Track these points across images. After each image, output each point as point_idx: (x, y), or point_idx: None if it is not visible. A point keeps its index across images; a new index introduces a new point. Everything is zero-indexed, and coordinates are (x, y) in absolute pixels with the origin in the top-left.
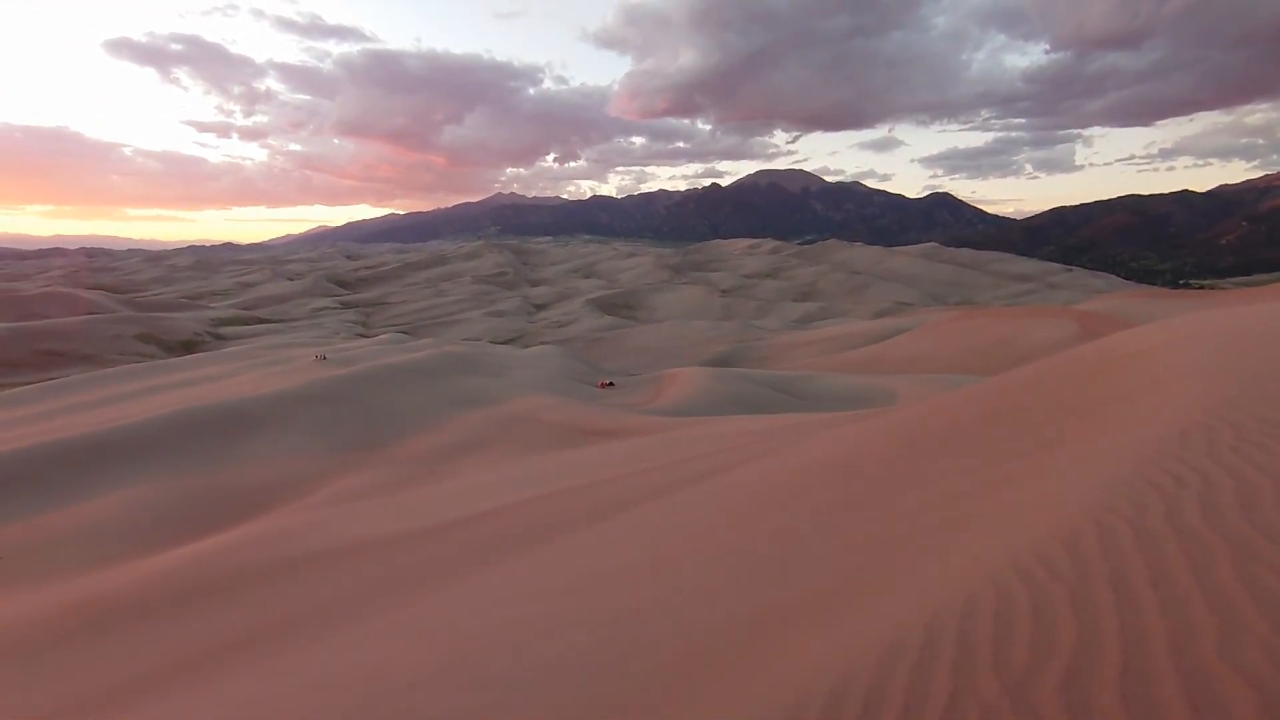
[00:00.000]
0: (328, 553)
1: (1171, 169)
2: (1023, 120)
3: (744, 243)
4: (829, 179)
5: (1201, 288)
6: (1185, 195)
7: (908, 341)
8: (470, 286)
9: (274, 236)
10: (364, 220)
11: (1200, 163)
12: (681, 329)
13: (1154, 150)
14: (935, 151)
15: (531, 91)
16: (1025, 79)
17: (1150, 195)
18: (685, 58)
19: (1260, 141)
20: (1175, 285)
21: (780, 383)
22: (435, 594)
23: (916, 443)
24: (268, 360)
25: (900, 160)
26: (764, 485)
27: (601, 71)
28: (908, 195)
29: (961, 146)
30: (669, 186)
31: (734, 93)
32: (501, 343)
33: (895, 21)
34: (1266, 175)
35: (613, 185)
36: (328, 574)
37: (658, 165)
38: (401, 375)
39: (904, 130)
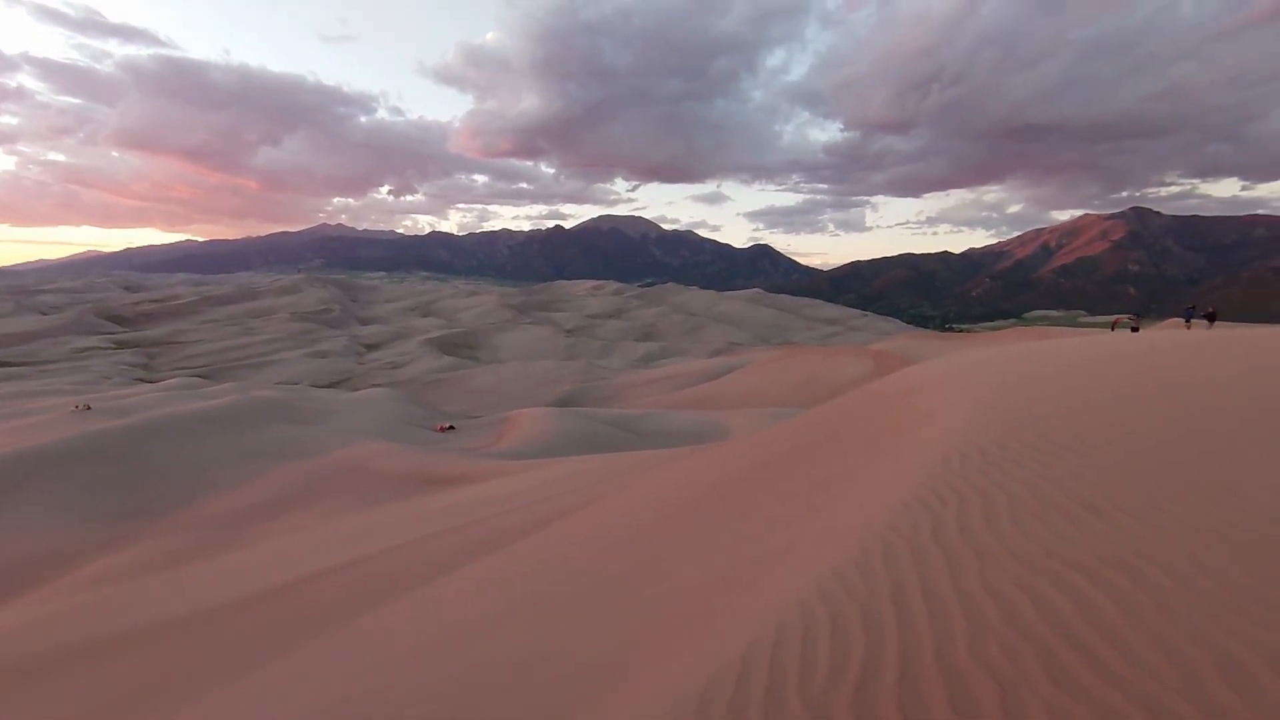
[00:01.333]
0: (103, 643)
1: (936, 233)
2: (825, 185)
3: (587, 284)
4: (667, 226)
5: (961, 330)
6: (945, 255)
7: (740, 378)
8: (287, 324)
9: (22, 260)
10: (150, 246)
11: (956, 229)
12: (526, 369)
13: (923, 217)
14: (757, 208)
15: (364, 120)
16: (826, 151)
17: (921, 254)
18: (528, 102)
19: (994, 215)
20: (943, 328)
21: (624, 421)
22: (242, 679)
23: (738, 481)
24: (8, 412)
25: (729, 213)
26: (601, 530)
27: (441, 107)
28: (735, 245)
29: (778, 205)
30: (512, 226)
31: (576, 140)
32: (325, 386)
33: (720, 91)
34: (1000, 242)
35: (454, 222)
36: (103, 669)
37: (501, 204)
38: (194, 426)
39: (730, 187)
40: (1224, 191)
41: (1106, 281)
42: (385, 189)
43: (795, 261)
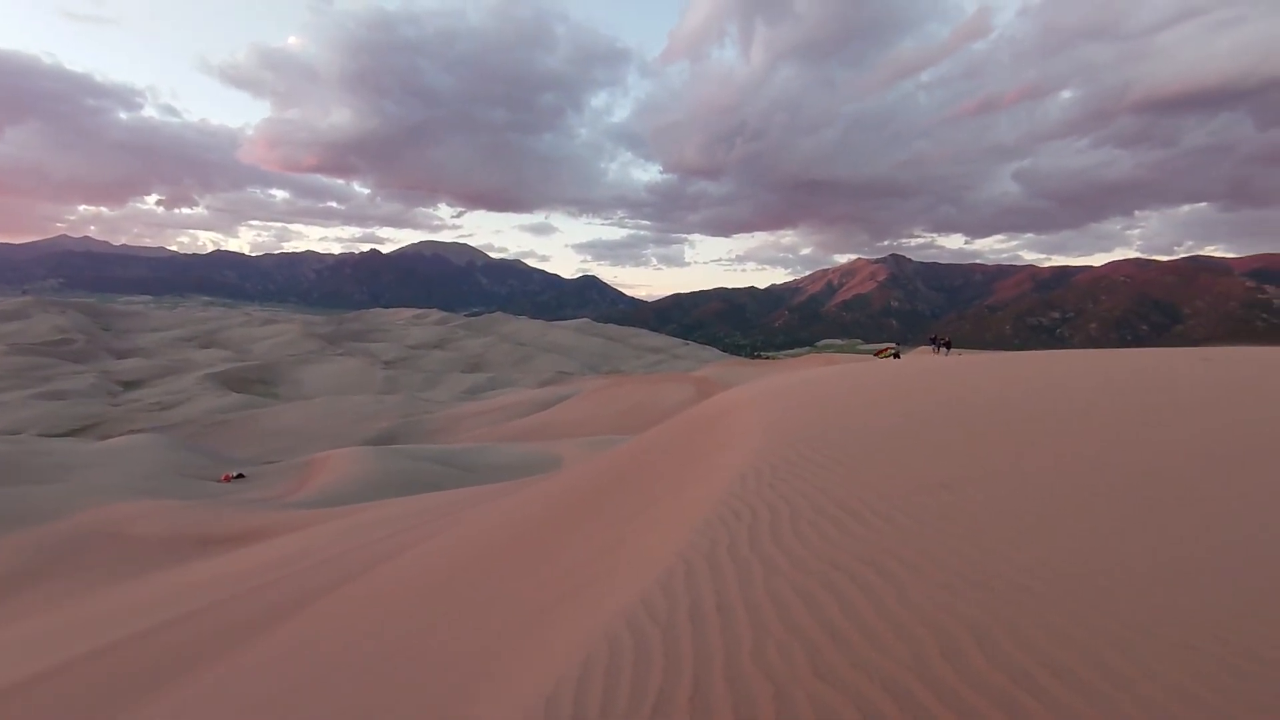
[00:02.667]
0: None
1: (745, 270)
2: (648, 222)
3: (409, 312)
4: (494, 255)
5: (768, 357)
6: (753, 290)
7: (570, 408)
8: (7, 359)
9: None
10: None
11: (760, 267)
12: (336, 405)
13: (733, 255)
14: (585, 240)
15: (124, 116)
16: (648, 190)
17: (733, 288)
18: (339, 116)
19: (791, 255)
20: (752, 356)
21: (450, 456)
22: None
23: (549, 521)
24: None
25: (557, 244)
26: (409, 580)
27: (230, 111)
28: (563, 275)
29: (605, 238)
30: (320, 248)
31: (395, 160)
32: (64, 434)
33: (547, 124)
34: (796, 279)
35: (246, 240)
36: None
37: (306, 224)
38: None
39: (558, 219)
40: (953, 244)
41: (876, 315)
42: (154, 199)
43: (622, 292)
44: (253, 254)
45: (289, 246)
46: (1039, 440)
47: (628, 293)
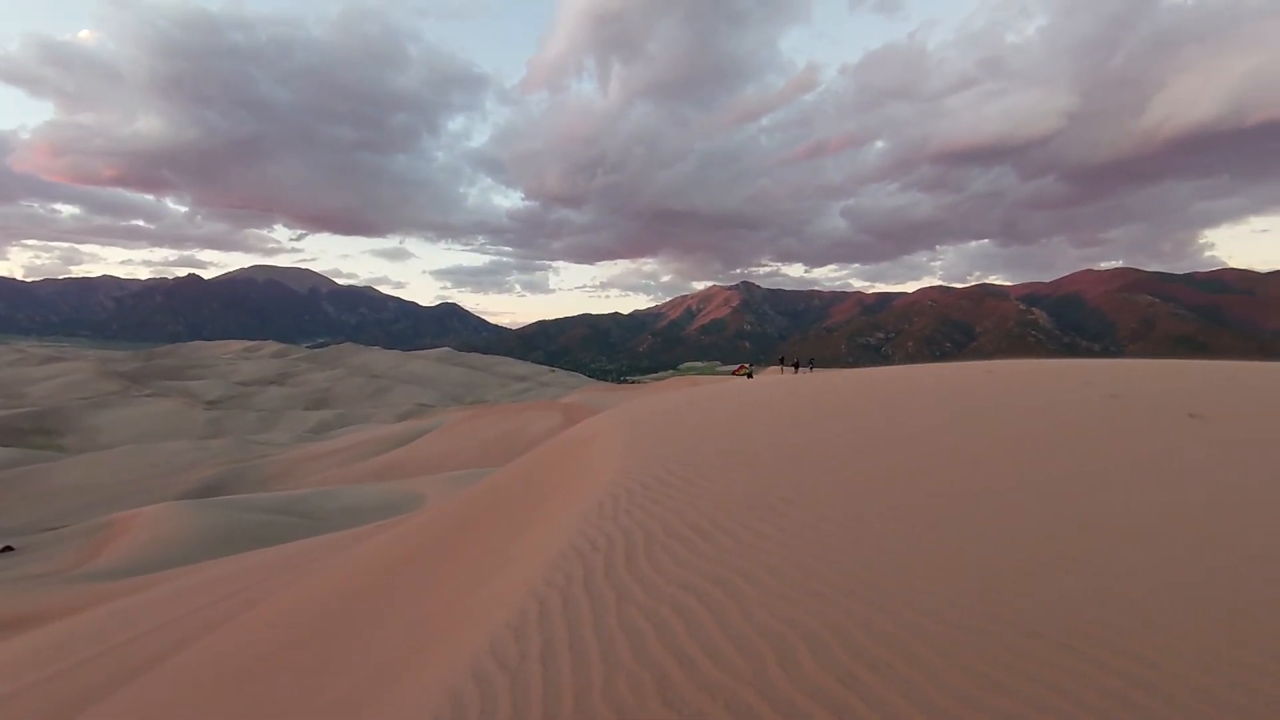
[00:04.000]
0: None
1: (609, 296)
2: (511, 249)
3: (237, 344)
4: (341, 281)
5: (633, 381)
6: (617, 316)
7: (431, 442)
8: None
9: None
10: None
11: (624, 293)
12: (143, 455)
13: (597, 282)
14: (445, 266)
15: None
16: (510, 217)
17: (598, 315)
18: (147, 124)
19: (652, 282)
20: (619, 380)
21: (291, 504)
22: None
23: (412, 560)
24: None
25: (413, 270)
26: (228, 659)
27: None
28: (421, 303)
29: (466, 264)
30: (122, 273)
31: (220, 176)
32: None
33: (400, 146)
34: (658, 305)
35: (18, 263)
36: None
37: (103, 244)
38: None
39: (414, 244)
40: (795, 272)
41: (732, 338)
42: None
43: (485, 320)
44: (27, 279)
45: (79, 270)
46: (868, 452)
47: (491, 320)
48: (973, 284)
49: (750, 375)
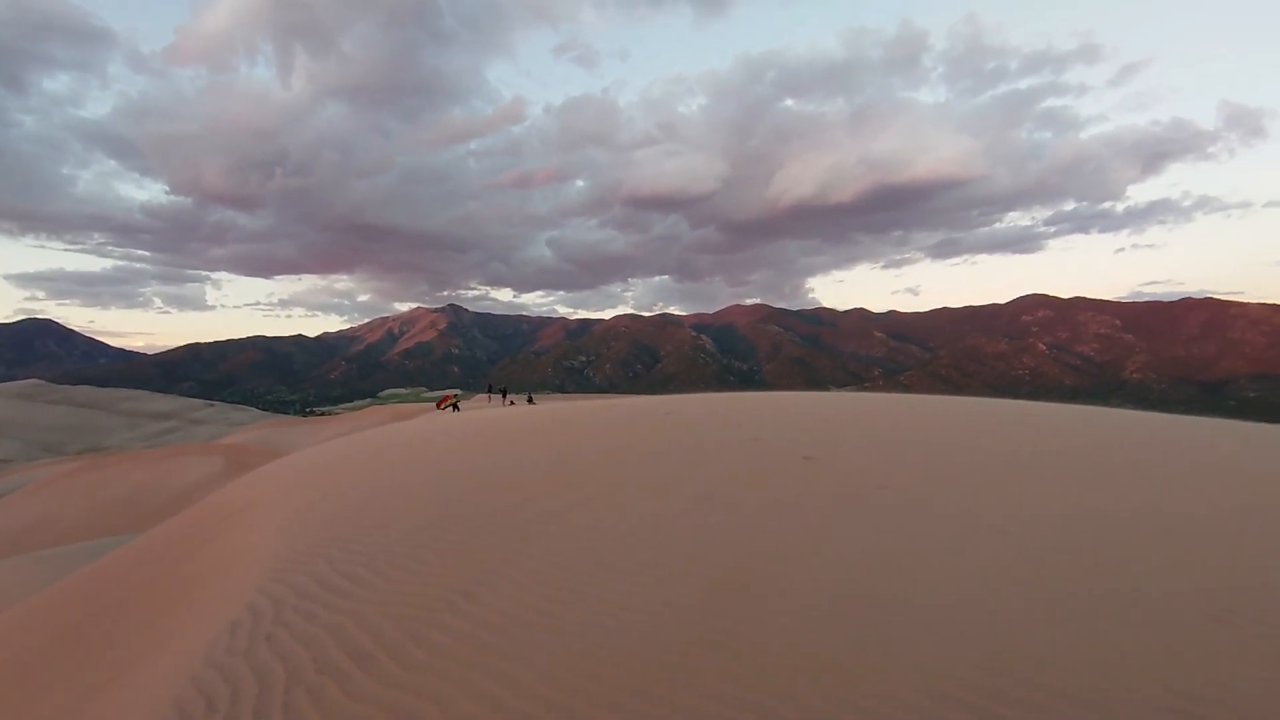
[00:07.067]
0: None
1: (290, 316)
2: (149, 253)
3: None
4: None
5: (322, 414)
6: (301, 339)
7: (10, 509)
8: None
9: None
10: None
11: (310, 313)
12: None
13: (275, 299)
14: (32, 269)
15: None
16: (146, 213)
17: (275, 337)
18: None
19: (346, 302)
20: (304, 413)
21: None
22: None
23: None
24: None
25: None
26: None
27: None
28: None
29: (71, 269)
30: None
31: None
32: None
33: None
34: (353, 327)
35: None
36: None
37: None
38: None
39: None
40: (505, 297)
41: (439, 362)
42: None
43: (104, 343)
44: None
45: None
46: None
47: (114, 343)
48: (657, 313)
49: (456, 407)
